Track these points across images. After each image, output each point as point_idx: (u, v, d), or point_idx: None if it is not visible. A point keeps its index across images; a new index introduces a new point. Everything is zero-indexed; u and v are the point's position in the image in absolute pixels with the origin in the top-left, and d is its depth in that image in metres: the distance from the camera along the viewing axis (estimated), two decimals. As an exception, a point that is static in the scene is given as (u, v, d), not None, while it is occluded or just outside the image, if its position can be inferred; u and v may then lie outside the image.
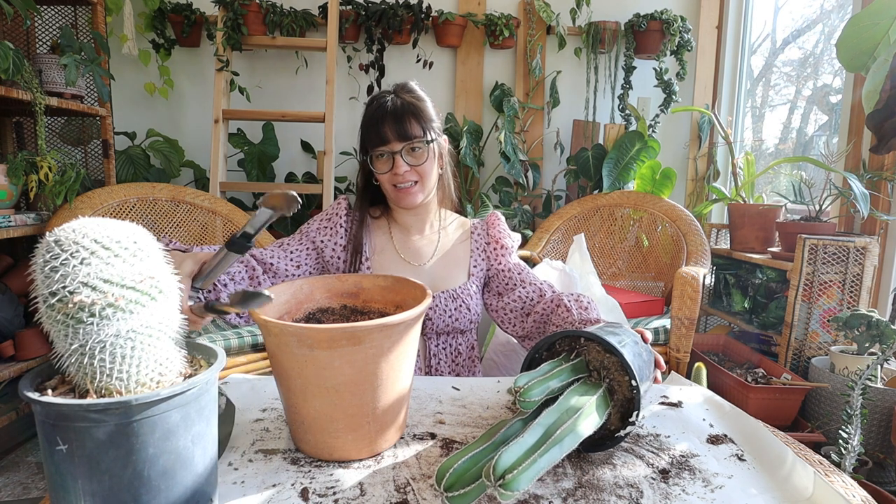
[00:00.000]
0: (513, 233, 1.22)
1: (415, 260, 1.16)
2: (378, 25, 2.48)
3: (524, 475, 0.55)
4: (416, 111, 1.08)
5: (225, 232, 1.99)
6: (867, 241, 1.68)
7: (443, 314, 1.12)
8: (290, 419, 0.70)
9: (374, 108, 1.08)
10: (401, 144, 1.06)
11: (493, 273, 1.19)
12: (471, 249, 1.20)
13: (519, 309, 1.15)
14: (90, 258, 0.46)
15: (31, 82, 1.65)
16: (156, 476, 0.49)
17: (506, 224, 1.23)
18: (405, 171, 1.08)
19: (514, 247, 1.21)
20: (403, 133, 1.06)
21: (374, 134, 1.07)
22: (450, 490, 0.57)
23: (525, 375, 0.66)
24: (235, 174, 2.59)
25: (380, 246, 1.17)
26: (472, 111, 2.68)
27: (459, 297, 1.13)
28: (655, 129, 2.60)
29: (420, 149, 1.08)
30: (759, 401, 1.63)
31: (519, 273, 1.18)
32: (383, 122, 1.06)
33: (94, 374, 0.48)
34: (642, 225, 2.28)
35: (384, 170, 1.09)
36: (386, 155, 1.08)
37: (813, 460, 0.70)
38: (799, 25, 2.64)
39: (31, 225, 1.68)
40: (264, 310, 0.73)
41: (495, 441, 0.64)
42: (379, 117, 1.07)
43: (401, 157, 1.07)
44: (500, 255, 1.19)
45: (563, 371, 0.71)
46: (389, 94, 1.10)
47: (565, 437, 0.61)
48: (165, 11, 2.43)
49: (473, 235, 1.21)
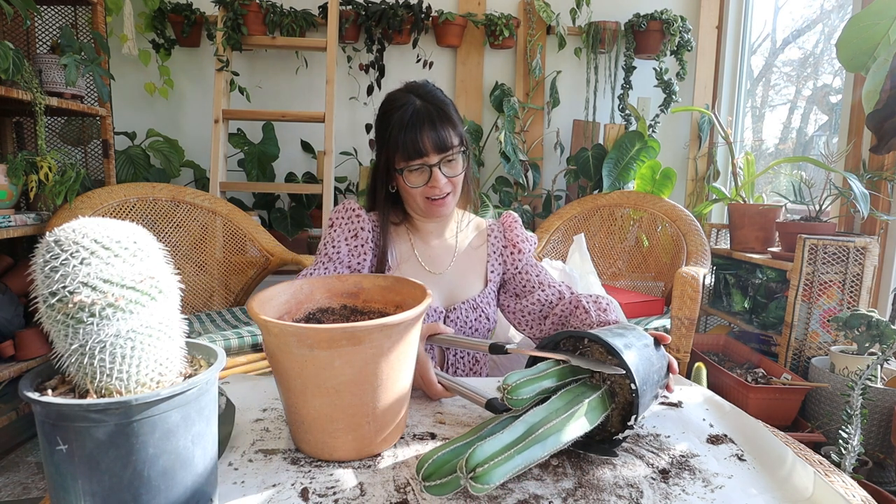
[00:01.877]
0: (529, 234, 1.19)
1: (434, 268, 1.12)
2: (378, 25, 2.48)
3: (497, 470, 0.55)
4: (449, 118, 1.00)
5: (225, 232, 1.99)
6: (867, 241, 1.68)
7: (463, 325, 1.09)
8: (290, 419, 0.70)
9: (404, 117, 0.99)
10: (439, 157, 1.00)
11: (509, 276, 1.16)
12: (487, 253, 1.16)
13: (537, 312, 1.12)
14: (90, 258, 0.46)
15: (31, 82, 1.65)
16: (156, 476, 0.49)
17: (522, 225, 1.19)
18: (444, 184, 1.02)
19: (531, 249, 1.18)
20: (442, 144, 0.99)
21: (411, 146, 0.98)
22: (428, 480, 0.58)
23: (516, 373, 0.66)
24: (235, 174, 2.59)
25: (403, 255, 1.11)
26: (472, 111, 2.68)
27: (479, 308, 1.11)
28: (655, 129, 2.60)
29: (456, 159, 1.02)
30: (759, 401, 1.63)
31: (537, 275, 1.15)
32: (420, 133, 0.97)
33: (94, 374, 0.48)
34: (642, 225, 2.28)
35: (419, 183, 1.02)
36: (420, 168, 1.00)
37: (813, 460, 0.70)
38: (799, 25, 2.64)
39: (31, 225, 1.68)
40: (264, 309, 0.73)
41: (481, 436, 0.64)
42: (412, 127, 0.98)
43: (439, 169, 1.00)
44: (517, 259, 1.15)
45: (558, 371, 0.70)
46: (414, 99, 1.01)
47: (549, 436, 0.60)
48: (165, 11, 2.44)
49: (490, 238, 1.17)
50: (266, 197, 2.59)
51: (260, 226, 2.04)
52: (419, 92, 1.03)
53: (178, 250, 1.90)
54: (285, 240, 2.39)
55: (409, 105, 1.00)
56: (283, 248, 2.00)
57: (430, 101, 1.01)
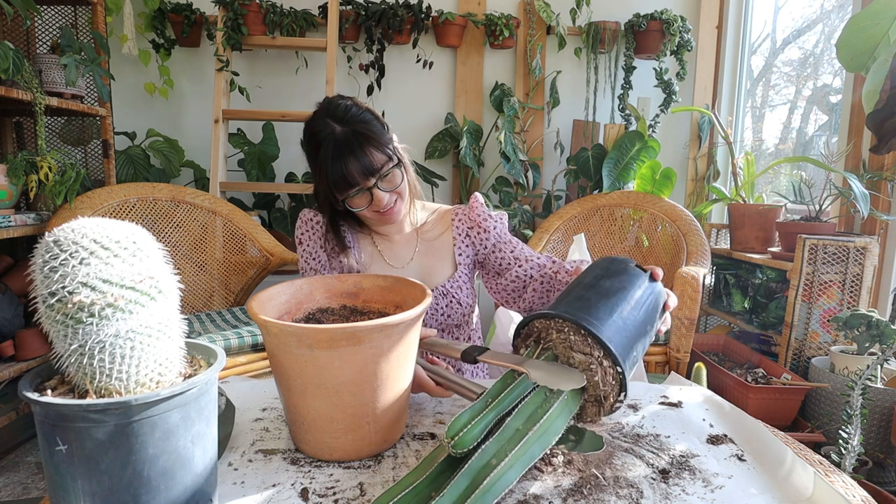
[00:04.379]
0: (497, 213, 1.18)
1: (398, 262, 1.13)
2: (378, 25, 2.48)
3: None
4: (370, 138, 0.98)
5: (225, 232, 1.99)
6: (867, 241, 1.68)
7: (434, 312, 1.10)
8: (290, 419, 0.70)
9: (328, 150, 0.98)
10: (371, 179, 0.99)
11: (483, 256, 1.16)
12: (453, 237, 1.16)
13: (520, 288, 1.11)
14: (89, 258, 0.46)
15: (31, 82, 1.65)
16: (155, 476, 0.49)
17: (485, 205, 1.17)
18: (387, 200, 1.02)
19: (498, 226, 1.15)
20: (370, 169, 0.98)
21: (341, 180, 0.98)
22: None
23: (461, 416, 0.59)
24: (235, 174, 2.59)
25: (368, 254, 1.14)
26: (472, 111, 2.68)
27: (449, 293, 1.11)
28: (655, 129, 2.60)
29: (391, 173, 1.01)
30: (759, 401, 1.63)
31: (511, 251, 1.13)
32: (346, 165, 0.97)
33: (93, 374, 0.48)
34: (642, 225, 2.28)
35: (363, 205, 1.03)
36: (359, 192, 1.00)
37: (813, 460, 0.70)
38: (799, 25, 2.64)
39: (31, 225, 1.68)
40: (264, 310, 0.73)
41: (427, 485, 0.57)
42: (337, 159, 0.97)
43: (378, 189, 1.00)
44: (484, 238, 1.14)
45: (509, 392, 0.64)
46: (333, 125, 0.99)
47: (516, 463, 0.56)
48: (165, 11, 2.43)
49: (455, 222, 1.17)
50: (266, 197, 2.59)
51: (260, 226, 2.04)
52: (337, 115, 1.00)
53: (178, 250, 1.90)
54: (285, 240, 2.39)
55: (329, 136, 0.98)
56: (283, 248, 2.00)
57: (349, 123, 0.99)
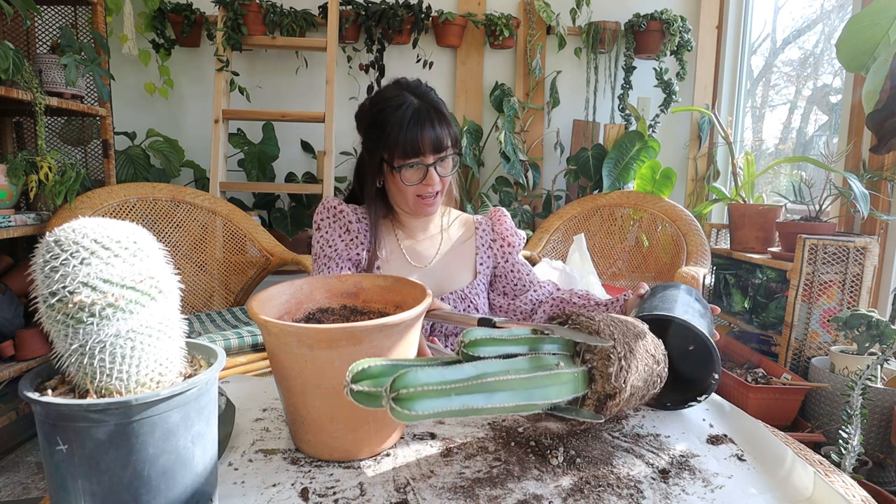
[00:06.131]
0: (518, 230, 1.20)
1: (419, 261, 1.12)
2: (378, 25, 2.48)
3: (426, 401, 0.50)
4: (445, 119, 1.01)
5: (225, 232, 1.99)
6: (867, 241, 1.68)
7: None
8: (290, 419, 0.70)
9: (404, 115, 0.98)
10: (435, 156, 1.01)
11: (500, 272, 1.17)
12: (476, 246, 1.17)
13: (529, 311, 1.14)
14: (90, 258, 0.46)
15: (31, 82, 1.65)
16: (156, 476, 0.49)
17: (511, 220, 1.19)
18: (437, 182, 1.03)
19: (520, 245, 1.18)
20: (439, 145, 1.00)
21: (410, 145, 0.98)
22: (356, 382, 0.53)
23: (480, 330, 0.59)
24: (235, 174, 2.59)
25: (389, 249, 1.13)
26: (472, 111, 2.68)
27: (468, 298, 1.11)
28: (655, 129, 2.60)
29: (449, 159, 1.03)
30: (759, 401, 1.63)
31: (528, 274, 1.16)
32: (420, 133, 0.98)
33: (94, 374, 0.48)
34: (642, 225, 2.28)
35: (415, 180, 1.02)
36: (416, 166, 1.01)
37: (813, 460, 0.70)
38: (799, 25, 2.65)
39: (31, 225, 1.68)
40: (264, 309, 0.73)
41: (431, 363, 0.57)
42: (412, 126, 0.98)
43: (434, 169, 1.01)
44: (508, 254, 1.16)
45: (530, 340, 0.63)
46: (411, 97, 1.01)
47: (498, 390, 0.54)
48: (165, 11, 2.43)
49: (478, 231, 1.18)
50: (266, 197, 2.59)
51: (260, 226, 2.04)
52: (415, 91, 1.03)
53: (178, 250, 1.90)
54: (285, 240, 2.39)
55: (407, 104, 1.00)
56: (283, 248, 2.00)
57: (426, 100, 1.02)
